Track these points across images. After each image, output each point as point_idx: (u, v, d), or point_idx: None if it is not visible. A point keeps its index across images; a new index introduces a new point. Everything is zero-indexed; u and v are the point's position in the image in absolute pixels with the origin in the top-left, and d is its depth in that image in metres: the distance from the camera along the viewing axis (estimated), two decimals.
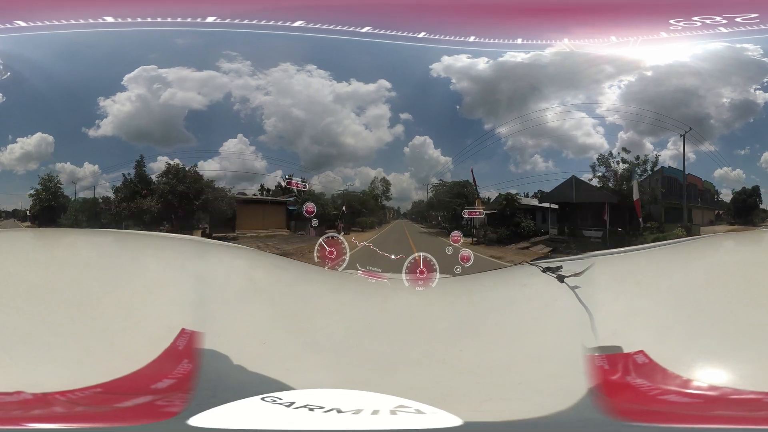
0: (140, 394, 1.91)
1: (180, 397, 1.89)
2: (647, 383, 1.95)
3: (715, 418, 1.82)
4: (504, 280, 3.08)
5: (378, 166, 3.29)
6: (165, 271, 2.80)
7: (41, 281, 2.55)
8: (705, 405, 1.88)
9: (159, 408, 1.86)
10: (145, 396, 1.90)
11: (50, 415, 1.78)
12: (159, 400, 1.89)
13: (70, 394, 1.85)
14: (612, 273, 2.88)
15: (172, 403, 1.87)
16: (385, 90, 3.22)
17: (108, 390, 1.89)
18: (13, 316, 2.23)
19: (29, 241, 3.28)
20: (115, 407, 1.85)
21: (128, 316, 2.29)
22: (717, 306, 2.33)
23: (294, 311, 2.56)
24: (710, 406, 1.87)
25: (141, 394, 1.91)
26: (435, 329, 2.50)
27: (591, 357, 2.06)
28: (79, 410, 1.80)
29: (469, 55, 3.20)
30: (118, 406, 1.85)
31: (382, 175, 3.36)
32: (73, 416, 1.78)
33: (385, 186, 3.40)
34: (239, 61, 3.15)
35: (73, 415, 1.79)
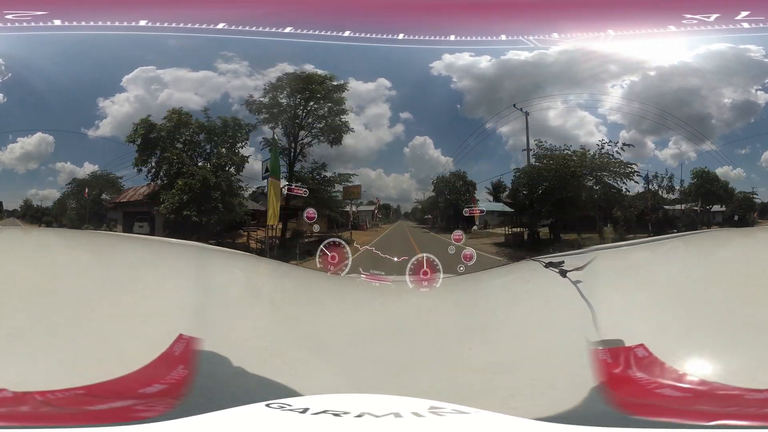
0: (122, 398, 1.89)
1: (166, 403, 1.88)
2: (647, 377, 2.00)
3: (711, 414, 1.84)
4: (507, 276, 3.11)
5: (378, 166, 3.22)
6: (164, 276, 2.79)
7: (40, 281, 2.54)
8: (700, 400, 1.92)
9: (135, 412, 1.84)
10: (127, 400, 1.89)
11: (13, 414, 1.77)
12: (140, 405, 1.87)
13: (50, 395, 1.84)
14: (613, 267, 2.93)
15: (153, 408, 1.85)
16: (384, 89, 3.14)
17: (90, 392, 1.88)
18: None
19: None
20: (89, 409, 1.84)
21: (126, 321, 2.28)
22: (716, 301, 2.38)
23: (297, 316, 2.58)
24: (704, 401, 1.91)
25: (123, 398, 1.89)
26: (442, 329, 2.53)
27: (595, 351, 2.11)
28: (47, 410, 1.80)
29: (471, 54, 3.19)
30: (94, 408, 1.85)
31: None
32: (41, 416, 1.78)
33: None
34: (236, 62, 3.12)
35: (41, 415, 1.78)
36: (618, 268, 2.97)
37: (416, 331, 2.49)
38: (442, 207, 3.44)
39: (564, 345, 2.22)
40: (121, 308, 2.34)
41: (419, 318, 2.67)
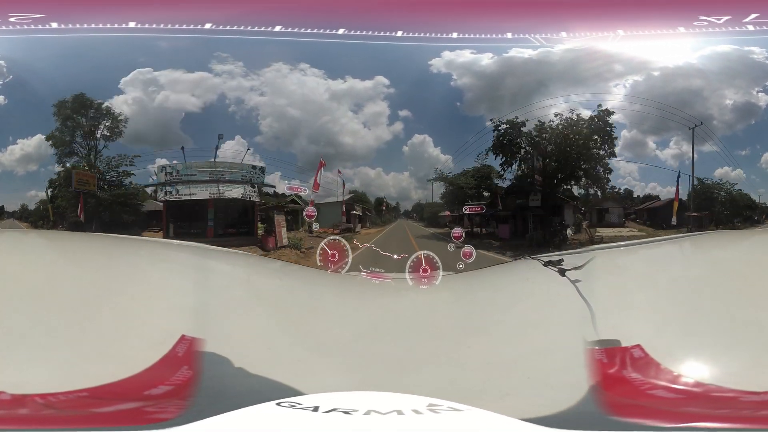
0: (129, 400, 1.90)
1: (176, 404, 1.88)
2: (641, 378, 2.00)
3: (703, 416, 1.85)
4: (506, 275, 3.12)
5: (377, 165, 3.21)
6: (165, 277, 2.79)
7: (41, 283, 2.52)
8: (694, 402, 1.92)
9: (146, 414, 1.84)
10: (135, 402, 1.89)
11: (12, 417, 1.77)
12: (149, 407, 1.88)
13: (51, 397, 1.84)
14: (612, 266, 2.95)
15: (164, 409, 1.86)
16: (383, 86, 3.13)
17: (94, 395, 1.88)
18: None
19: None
20: (94, 411, 1.83)
21: (128, 321, 2.28)
22: (714, 302, 2.39)
23: (299, 315, 2.57)
24: (698, 403, 1.92)
25: (130, 400, 1.90)
26: (442, 327, 2.54)
27: (591, 351, 2.12)
28: (49, 413, 1.80)
29: (472, 51, 3.16)
30: (99, 410, 1.84)
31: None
32: (43, 419, 1.77)
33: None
34: (231, 63, 3.11)
35: (43, 418, 1.78)
36: (616, 268, 2.98)
37: (416, 329, 2.49)
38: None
39: (561, 344, 2.24)
40: (123, 309, 2.34)
41: (419, 316, 2.67)
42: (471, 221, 3.47)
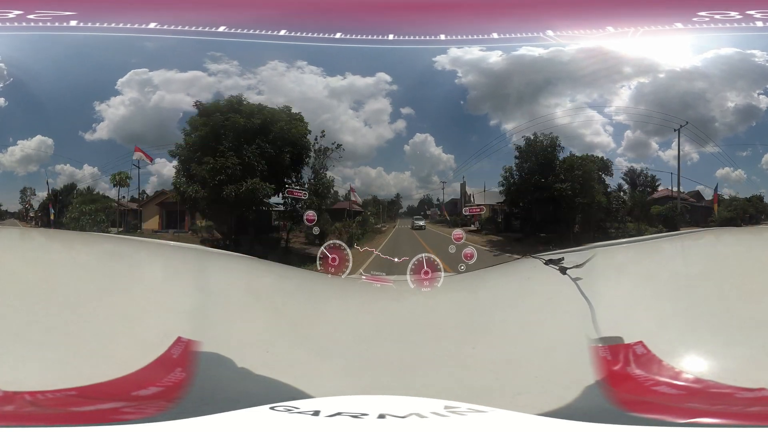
0: (112, 400, 1.90)
1: (157, 405, 1.88)
2: (644, 374, 2.05)
3: (700, 412, 1.87)
4: (507, 274, 3.09)
5: (378, 164, 3.16)
6: (163, 278, 2.82)
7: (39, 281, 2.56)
8: (694, 397, 1.96)
9: (122, 414, 1.83)
10: (117, 402, 1.89)
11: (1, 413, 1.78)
12: (128, 407, 1.87)
13: (40, 395, 1.85)
14: (613, 264, 2.98)
15: (141, 410, 1.85)
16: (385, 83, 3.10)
17: (82, 394, 1.89)
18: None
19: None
20: (75, 410, 1.83)
21: (124, 323, 2.30)
22: (715, 299, 2.43)
23: (299, 318, 2.59)
24: (697, 399, 1.95)
25: (113, 400, 1.90)
26: (445, 328, 2.57)
27: (595, 348, 2.16)
28: (31, 411, 1.80)
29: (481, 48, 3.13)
30: (80, 409, 1.84)
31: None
32: (24, 417, 1.77)
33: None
34: (226, 62, 3.07)
35: (24, 415, 1.78)
36: (617, 265, 3.00)
37: (419, 331, 2.50)
38: None
39: (565, 342, 2.27)
40: (120, 310, 2.38)
41: (421, 317, 2.67)
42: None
